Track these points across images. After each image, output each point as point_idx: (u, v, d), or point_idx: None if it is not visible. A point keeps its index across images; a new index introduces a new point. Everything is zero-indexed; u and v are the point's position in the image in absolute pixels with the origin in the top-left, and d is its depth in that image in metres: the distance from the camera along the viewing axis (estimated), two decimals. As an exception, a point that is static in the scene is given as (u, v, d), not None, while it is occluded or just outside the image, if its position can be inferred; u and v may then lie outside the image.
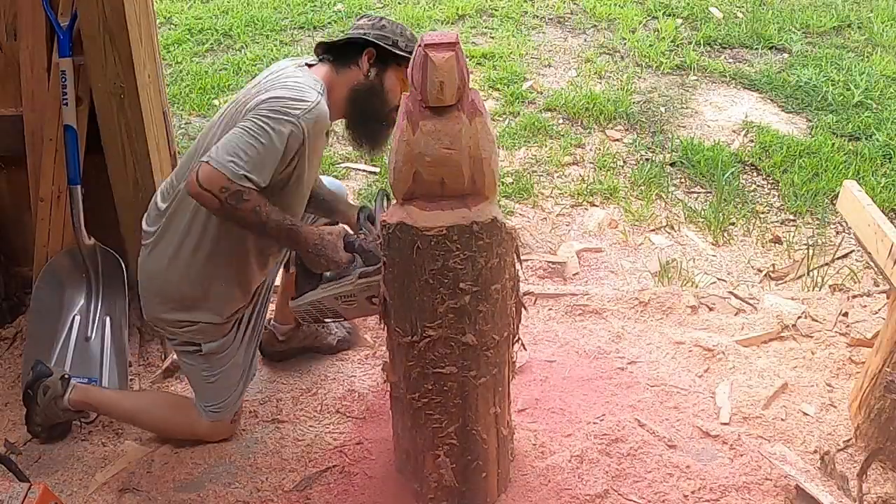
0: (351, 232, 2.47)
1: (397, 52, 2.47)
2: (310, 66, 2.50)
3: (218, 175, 2.22)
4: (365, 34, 2.50)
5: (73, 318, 3.00)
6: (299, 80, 2.37)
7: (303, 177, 2.42)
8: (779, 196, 4.11)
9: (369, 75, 2.50)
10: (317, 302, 2.42)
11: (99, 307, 3.02)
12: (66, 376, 2.67)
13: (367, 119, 2.54)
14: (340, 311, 2.43)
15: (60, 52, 2.80)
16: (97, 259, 2.99)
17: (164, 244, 2.48)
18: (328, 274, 2.40)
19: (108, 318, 3.00)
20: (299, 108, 2.28)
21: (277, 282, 2.94)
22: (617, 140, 4.56)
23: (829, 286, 3.44)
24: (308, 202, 2.64)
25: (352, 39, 2.50)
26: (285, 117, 2.27)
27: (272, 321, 2.99)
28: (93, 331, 2.98)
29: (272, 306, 3.04)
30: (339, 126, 2.71)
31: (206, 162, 2.23)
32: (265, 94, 2.32)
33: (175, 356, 2.89)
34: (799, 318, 3.17)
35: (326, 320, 2.51)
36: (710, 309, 3.25)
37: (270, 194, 2.31)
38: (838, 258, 3.65)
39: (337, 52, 2.52)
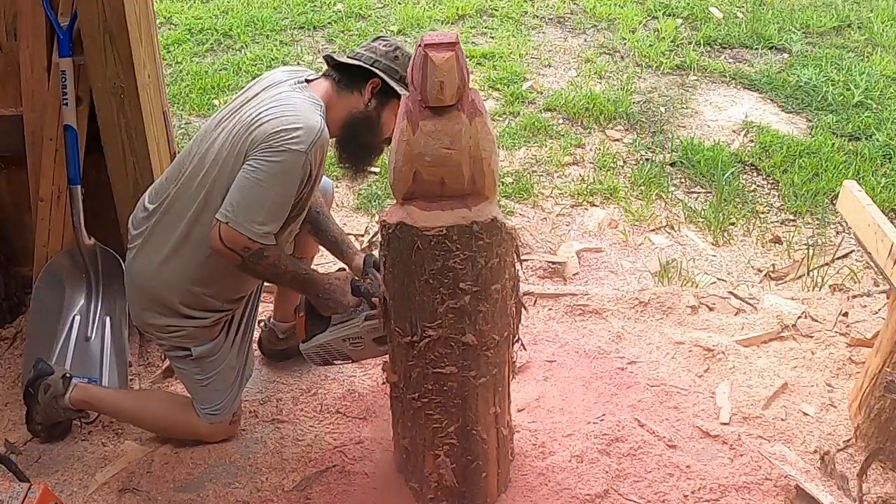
0: (356, 277, 2.55)
1: (401, 89, 2.45)
2: (308, 80, 2.48)
3: (240, 236, 2.27)
4: (375, 62, 2.47)
5: (73, 318, 3.00)
6: (299, 103, 2.35)
7: (309, 198, 2.47)
8: (779, 196, 4.11)
9: (369, 105, 2.48)
10: (326, 344, 2.51)
11: (99, 307, 3.02)
12: (68, 375, 2.67)
13: (357, 147, 2.54)
14: (348, 352, 2.52)
15: (60, 52, 2.80)
16: (97, 259, 2.99)
17: (152, 247, 2.47)
18: (336, 318, 2.48)
19: (108, 318, 3.00)
20: (306, 140, 2.27)
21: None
22: (617, 140, 4.56)
23: (829, 286, 3.44)
24: (316, 237, 2.73)
25: (361, 65, 2.47)
26: (293, 156, 2.26)
27: (272, 319, 2.99)
28: (93, 331, 2.98)
29: (271, 305, 3.04)
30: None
31: (227, 223, 2.26)
32: (267, 122, 2.29)
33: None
34: (799, 318, 3.17)
35: (336, 362, 2.60)
36: (710, 309, 3.25)
37: None
38: (838, 258, 3.66)
39: (342, 72, 2.49)
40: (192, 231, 2.41)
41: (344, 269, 2.62)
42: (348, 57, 2.52)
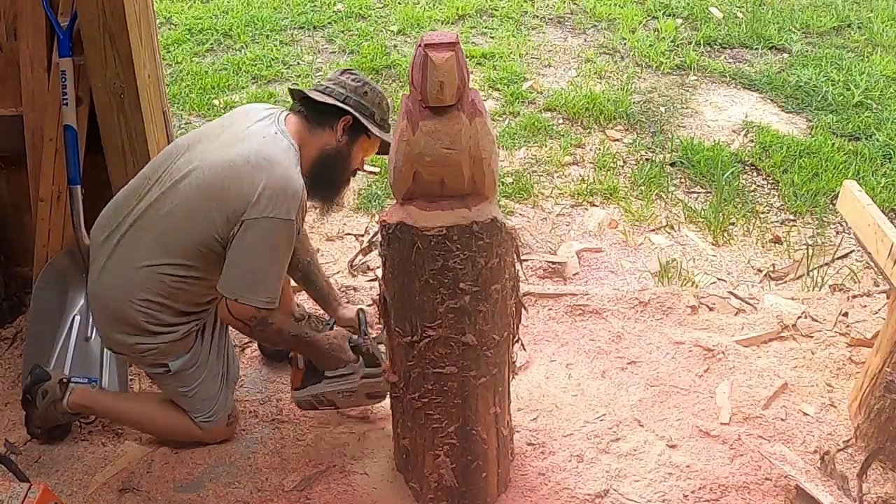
0: (353, 335, 2.66)
1: (370, 125, 2.49)
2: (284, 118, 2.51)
3: (247, 308, 2.37)
4: (346, 99, 2.49)
5: (73, 318, 2.99)
6: (283, 158, 2.37)
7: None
8: (779, 196, 4.11)
9: (340, 141, 2.51)
10: (319, 395, 2.62)
11: (99, 307, 3.02)
12: (65, 380, 2.67)
13: (328, 182, 2.56)
14: (337, 401, 2.65)
15: (60, 52, 2.81)
16: (97, 259, 2.99)
17: (119, 262, 2.45)
18: (330, 371, 2.61)
19: (108, 318, 3.00)
20: (293, 206, 2.34)
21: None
22: (617, 140, 4.56)
23: (829, 286, 3.44)
24: (305, 286, 2.92)
25: (333, 102, 2.48)
26: (285, 225, 2.34)
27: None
28: (93, 331, 2.98)
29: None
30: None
31: (235, 300, 2.35)
32: (256, 181, 2.31)
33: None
34: (799, 318, 3.17)
35: (321, 408, 2.69)
36: (710, 309, 3.25)
37: None
38: (838, 258, 3.66)
39: (312, 107, 2.50)
40: (161, 251, 2.41)
41: (340, 328, 2.73)
42: (317, 91, 2.52)
